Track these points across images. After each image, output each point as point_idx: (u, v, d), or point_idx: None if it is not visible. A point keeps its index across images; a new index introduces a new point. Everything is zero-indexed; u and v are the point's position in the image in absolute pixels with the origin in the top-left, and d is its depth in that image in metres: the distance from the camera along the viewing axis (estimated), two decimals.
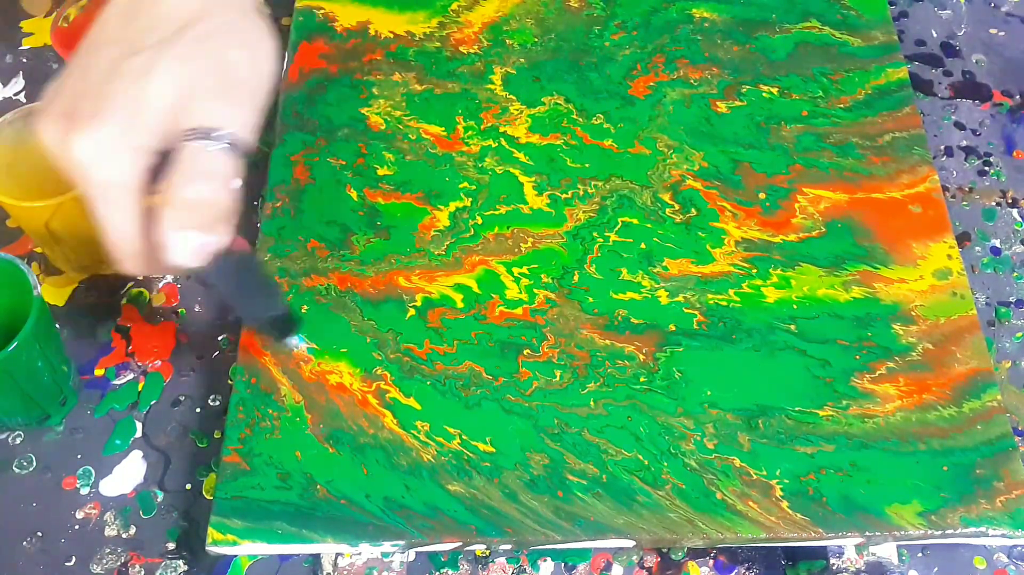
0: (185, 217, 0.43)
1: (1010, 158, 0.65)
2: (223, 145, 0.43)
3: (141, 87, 0.42)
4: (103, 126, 0.41)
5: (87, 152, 0.41)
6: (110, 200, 0.43)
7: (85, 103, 0.42)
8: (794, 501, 0.48)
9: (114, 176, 0.42)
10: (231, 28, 0.45)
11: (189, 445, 0.55)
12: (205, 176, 0.43)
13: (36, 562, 0.51)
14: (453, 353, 0.53)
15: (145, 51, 0.43)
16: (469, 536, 0.48)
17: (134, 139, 0.42)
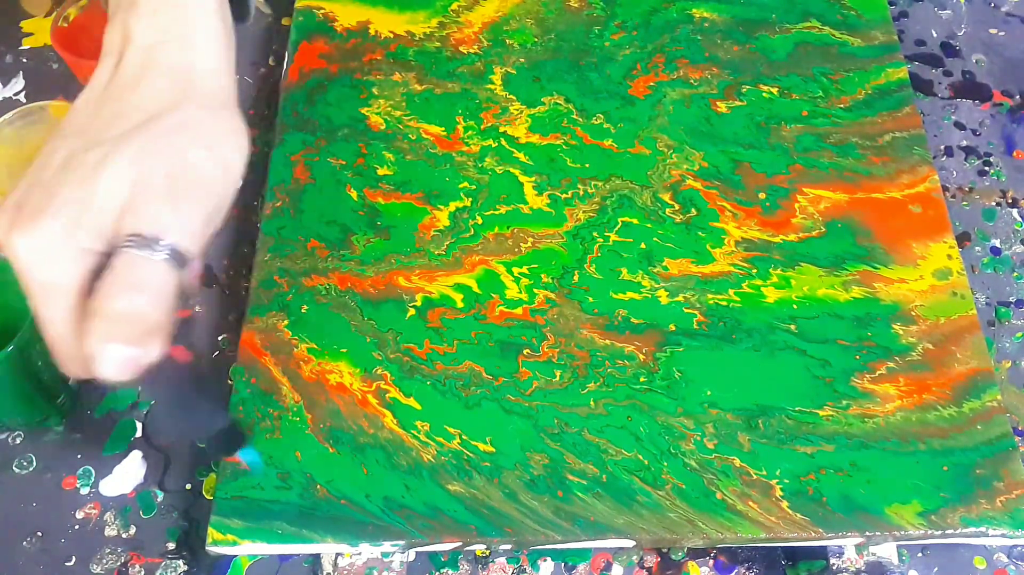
0: (113, 329, 0.40)
1: (1010, 158, 0.65)
2: (163, 255, 0.40)
3: (90, 184, 0.40)
4: (47, 224, 0.39)
5: (29, 249, 0.40)
6: (49, 300, 0.41)
7: (34, 197, 0.40)
8: (794, 501, 0.48)
9: (53, 276, 0.40)
10: (197, 124, 0.42)
11: (189, 445, 0.55)
12: (138, 288, 0.40)
13: (36, 562, 0.51)
14: (453, 353, 0.53)
15: (102, 145, 0.41)
16: (469, 536, 0.48)
17: (78, 239, 0.40)
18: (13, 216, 0.40)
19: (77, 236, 0.40)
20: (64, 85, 0.66)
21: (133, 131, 0.41)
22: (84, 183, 0.40)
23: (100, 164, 0.40)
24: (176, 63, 0.43)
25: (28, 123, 0.57)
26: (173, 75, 0.43)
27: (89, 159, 0.40)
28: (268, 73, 0.69)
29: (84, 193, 0.40)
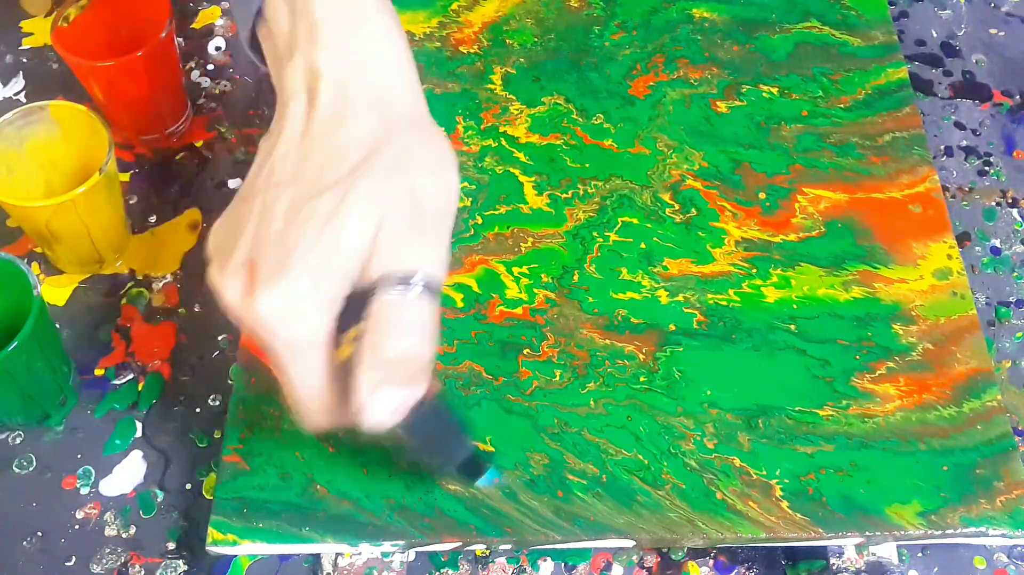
0: (386, 375, 0.39)
1: (1010, 158, 0.65)
2: (419, 290, 0.39)
3: (331, 233, 0.39)
4: (292, 280, 0.38)
5: (275, 309, 0.38)
6: (299, 357, 0.40)
7: (267, 254, 0.39)
8: (794, 501, 0.48)
9: (304, 333, 0.39)
10: (415, 151, 0.41)
11: (189, 445, 0.55)
12: (406, 330, 0.39)
13: (36, 562, 0.51)
14: (453, 353, 0.53)
15: (328, 191, 0.39)
16: (469, 536, 0.48)
17: (324, 291, 0.39)
18: (248, 277, 0.39)
19: (323, 287, 0.39)
20: (64, 85, 0.66)
21: (358, 170, 0.40)
22: (324, 232, 0.39)
23: (337, 210, 0.39)
24: (373, 92, 0.42)
25: (28, 123, 0.57)
26: (374, 105, 0.42)
27: (321, 207, 0.39)
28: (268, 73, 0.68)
29: (327, 242, 0.39)
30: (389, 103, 0.42)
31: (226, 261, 0.40)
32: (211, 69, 0.69)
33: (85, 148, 0.57)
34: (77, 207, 0.55)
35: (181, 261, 0.61)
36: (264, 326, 0.39)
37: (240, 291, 0.39)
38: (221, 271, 0.40)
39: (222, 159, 0.65)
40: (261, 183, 0.41)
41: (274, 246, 0.39)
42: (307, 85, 0.42)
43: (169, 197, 0.63)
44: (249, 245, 0.40)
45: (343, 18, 0.42)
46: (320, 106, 0.41)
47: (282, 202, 0.40)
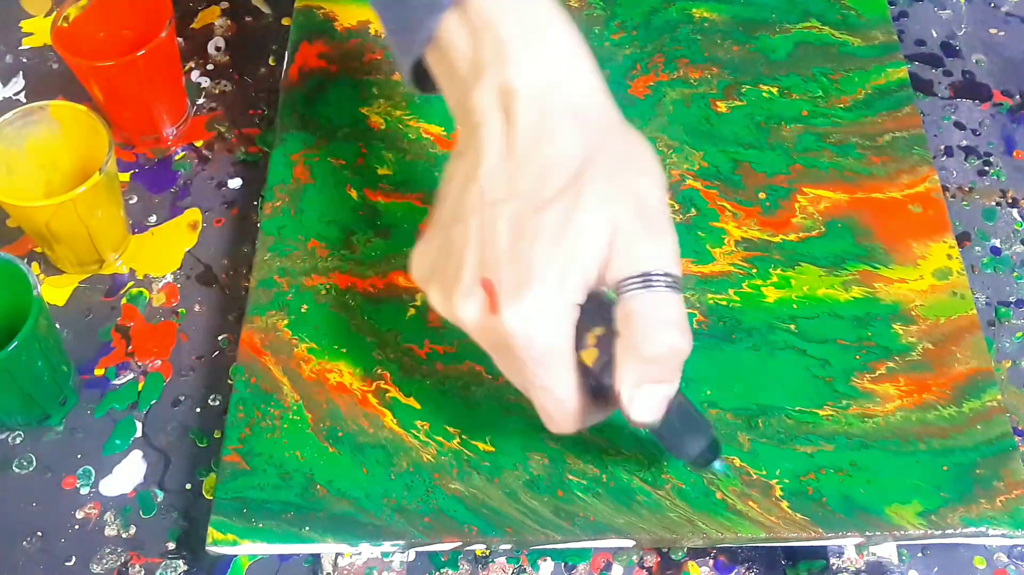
0: (648, 372, 0.41)
1: (1010, 158, 0.65)
2: (664, 286, 0.41)
3: (567, 243, 0.40)
4: (536, 292, 0.40)
5: (524, 322, 0.40)
6: (550, 365, 0.41)
7: (503, 270, 0.40)
8: (794, 501, 0.48)
9: (554, 341, 0.40)
10: (626, 154, 0.43)
11: (189, 445, 0.55)
12: (664, 328, 0.40)
13: (36, 562, 0.51)
14: (453, 352, 0.53)
15: (552, 203, 0.40)
16: (469, 536, 0.48)
17: (567, 299, 0.40)
18: (485, 295, 0.41)
19: (566, 295, 0.40)
20: (64, 85, 0.66)
21: (578, 181, 0.41)
22: (559, 243, 0.40)
23: (567, 221, 0.40)
24: (570, 104, 0.42)
25: (28, 123, 0.57)
26: (574, 117, 0.42)
27: (549, 219, 0.40)
28: (268, 73, 0.69)
29: (564, 251, 0.40)
30: (587, 112, 0.43)
31: (452, 284, 0.42)
32: (211, 69, 0.69)
33: (85, 148, 0.57)
34: (77, 207, 0.55)
35: (181, 261, 0.61)
36: (516, 339, 0.40)
37: (479, 309, 0.41)
38: (449, 294, 0.42)
39: (222, 159, 0.65)
40: (471, 205, 0.42)
41: (508, 262, 0.40)
42: (501, 104, 0.42)
43: (169, 197, 0.63)
44: (477, 265, 0.41)
45: (531, 35, 0.43)
46: (520, 123, 0.42)
47: (503, 220, 0.41)
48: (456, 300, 0.41)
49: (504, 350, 0.42)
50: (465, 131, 0.44)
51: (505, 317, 0.40)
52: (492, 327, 0.41)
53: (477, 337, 0.42)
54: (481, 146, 0.43)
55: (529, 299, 0.40)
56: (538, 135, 0.42)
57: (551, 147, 0.42)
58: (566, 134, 0.42)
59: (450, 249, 0.42)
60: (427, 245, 0.44)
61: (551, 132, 0.42)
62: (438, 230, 0.44)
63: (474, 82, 0.43)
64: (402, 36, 0.46)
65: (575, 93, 0.43)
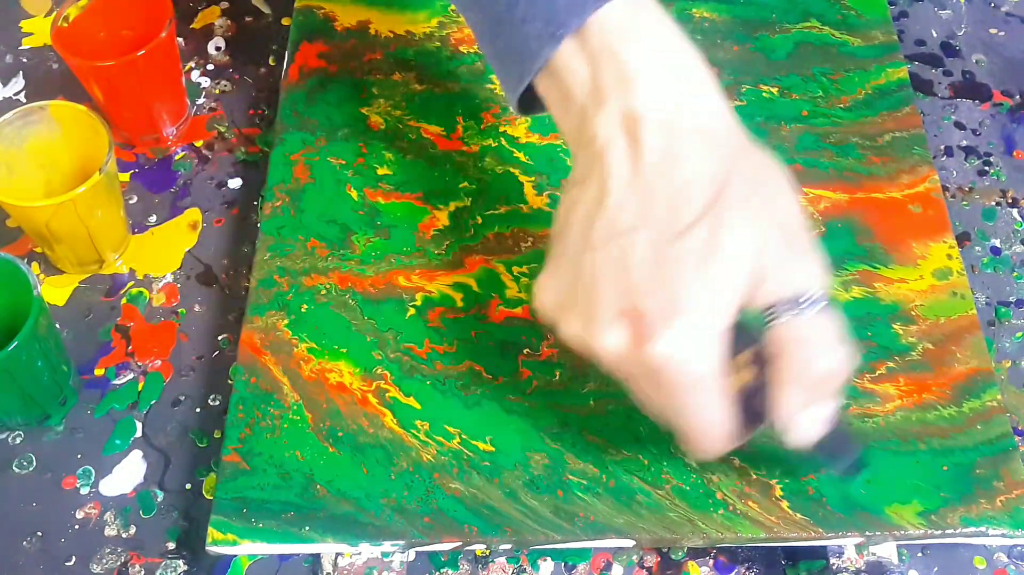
0: (809, 395, 0.41)
1: (1010, 158, 0.65)
2: (819, 306, 0.40)
3: (712, 269, 0.39)
4: (687, 320, 0.39)
5: (676, 350, 0.39)
6: (702, 392, 0.41)
7: (649, 299, 0.40)
8: (794, 501, 0.48)
9: (706, 367, 0.40)
10: (760, 176, 0.42)
11: (189, 445, 0.55)
12: (828, 348, 0.41)
13: (36, 562, 0.51)
14: (453, 352, 0.53)
15: (693, 229, 0.40)
16: (469, 536, 0.48)
17: (718, 324, 0.40)
18: (631, 325, 0.40)
19: (717, 321, 0.40)
20: (64, 85, 0.66)
21: (716, 204, 0.40)
22: (705, 268, 0.39)
23: (712, 246, 0.40)
24: (699, 124, 0.42)
25: (28, 123, 0.57)
26: (703, 137, 0.42)
27: (692, 245, 0.40)
28: (268, 73, 0.69)
29: (711, 277, 0.39)
30: (716, 134, 0.42)
31: (590, 315, 0.41)
32: (211, 69, 0.69)
33: (85, 148, 0.57)
34: (77, 207, 0.55)
35: (181, 261, 0.61)
36: (668, 368, 0.40)
37: (625, 340, 0.40)
38: (588, 326, 0.41)
39: (222, 159, 0.65)
40: (601, 234, 0.41)
41: (652, 291, 0.40)
42: (625, 130, 0.42)
43: (169, 197, 0.63)
44: (617, 295, 0.40)
45: (654, 59, 0.42)
46: (647, 149, 0.41)
47: (639, 247, 0.40)
48: (597, 332, 0.41)
49: (650, 380, 0.41)
50: (584, 159, 0.43)
51: (656, 347, 0.39)
52: (639, 358, 0.40)
53: (620, 368, 0.42)
54: (607, 173, 0.42)
55: (680, 327, 0.39)
56: (668, 160, 0.41)
57: (683, 171, 0.41)
58: (697, 157, 0.41)
59: (582, 280, 0.42)
60: (553, 277, 0.44)
61: (681, 156, 0.41)
62: (564, 261, 0.43)
63: (595, 108, 0.42)
64: (512, 65, 0.45)
65: (702, 115, 0.42)
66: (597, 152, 0.42)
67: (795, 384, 0.41)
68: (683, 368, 0.40)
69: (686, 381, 0.40)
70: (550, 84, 0.44)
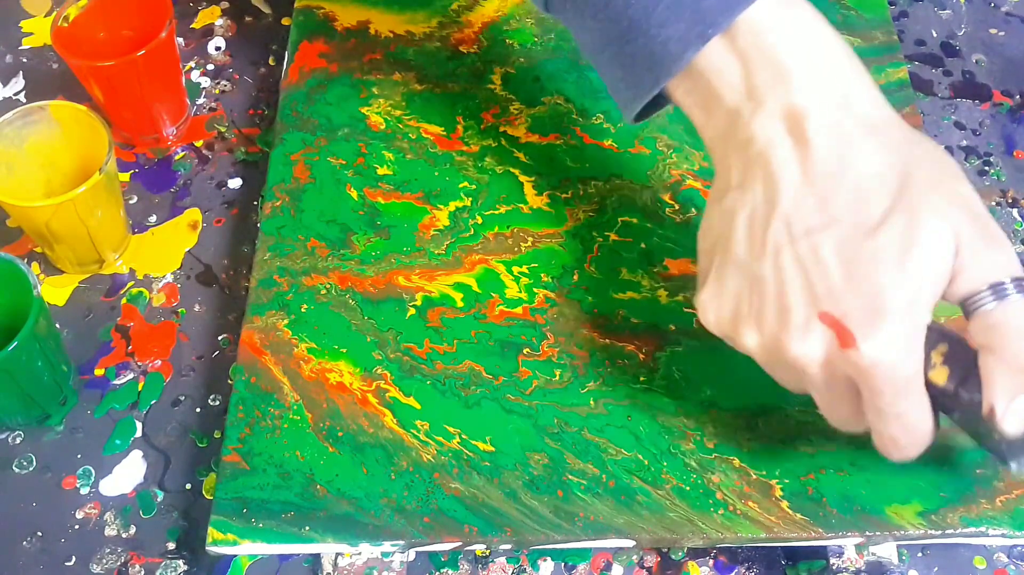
0: (1020, 381, 0.40)
1: (1010, 158, 0.65)
2: (1019, 293, 0.40)
3: (915, 264, 0.39)
4: (894, 319, 0.39)
5: (885, 351, 0.39)
6: (909, 392, 0.40)
7: (848, 301, 0.39)
8: (794, 501, 0.48)
9: (913, 366, 0.40)
10: (940, 165, 0.41)
11: (189, 445, 0.55)
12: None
13: (36, 562, 0.51)
14: (453, 352, 0.53)
15: (886, 224, 0.39)
16: (469, 536, 0.48)
17: (921, 321, 0.39)
18: (833, 330, 0.39)
19: (920, 317, 0.39)
20: (64, 85, 0.66)
21: (903, 198, 0.40)
22: (905, 264, 0.39)
23: (909, 241, 0.39)
24: (864, 117, 0.41)
25: (28, 123, 0.57)
26: (872, 130, 0.41)
27: (887, 241, 0.39)
28: (268, 73, 0.69)
29: (913, 273, 0.39)
30: (882, 126, 0.42)
31: (781, 324, 0.40)
32: (211, 69, 0.69)
33: (85, 148, 0.57)
34: (77, 207, 0.55)
35: (181, 261, 0.61)
36: (879, 371, 0.39)
37: (826, 345, 0.40)
38: (780, 335, 0.40)
39: (222, 159, 0.65)
40: (777, 238, 0.41)
41: (851, 292, 0.39)
42: (789, 128, 0.41)
43: (169, 197, 0.63)
44: (812, 299, 0.40)
45: (812, 55, 0.41)
46: (817, 146, 0.41)
47: (827, 248, 0.40)
48: (793, 339, 0.40)
49: (852, 388, 0.41)
50: (741, 162, 0.42)
51: (865, 350, 0.39)
52: (844, 362, 0.40)
53: (819, 378, 0.41)
54: (774, 175, 0.41)
55: (888, 328, 0.39)
56: (841, 156, 0.40)
57: (860, 166, 0.40)
58: (872, 151, 0.40)
59: (763, 287, 0.41)
60: (719, 289, 0.43)
61: (855, 151, 0.40)
62: (733, 270, 0.42)
63: (752, 109, 0.41)
64: (644, 71, 0.44)
65: (865, 107, 0.42)
66: (758, 153, 0.41)
67: (1006, 373, 0.40)
68: (893, 371, 0.39)
69: (894, 385, 0.40)
70: (691, 87, 0.43)
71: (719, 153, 0.44)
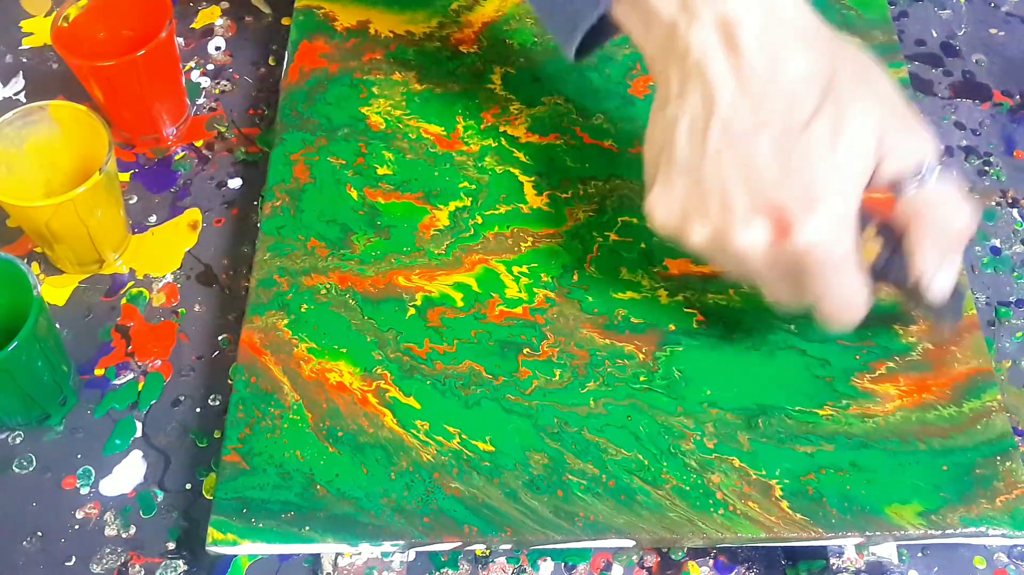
0: (944, 252, 0.45)
1: (1010, 158, 0.65)
2: (942, 173, 0.44)
3: (844, 153, 0.42)
4: (828, 205, 0.42)
5: (821, 235, 0.42)
6: (844, 270, 0.44)
7: (786, 192, 0.42)
8: (794, 501, 0.48)
9: (847, 246, 0.43)
10: (862, 64, 0.45)
11: (189, 445, 0.55)
12: (957, 207, 0.44)
13: (36, 562, 0.51)
14: (453, 352, 0.53)
15: (816, 121, 0.42)
16: (469, 536, 0.48)
17: (852, 204, 0.43)
18: (775, 221, 0.43)
19: (851, 201, 0.43)
20: (64, 85, 0.66)
21: (830, 95, 0.43)
22: (835, 155, 0.42)
23: (838, 134, 0.42)
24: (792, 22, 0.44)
25: (28, 123, 0.57)
26: (799, 34, 0.44)
27: (818, 136, 0.42)
28: (268, 73, 0.69)
29: (839, 164, 0.42)
30: (809, 31, 0.44)
31: (725, 219, 0.44)
32: (211, 69, 0.69)
33: (85, 148, 0.57)
34: (77, 207, 0.55)
35: (181, 261, 0.61)
36: (815, 253, 0.43)
37: (767, 234, 0.43)
38: (725, 229, 0.44)
39: (222, 159, 0.65)
40: (717, 141, 0.44)
41: (788, 183, 0.42)
42: (722, 37, 0.43)
43: (169, 197, 0.63)
44: (751, 194, 0.43)
45: None
46: (749, 52, 0.43)
47: (763, 147, 0.43)
48: (736, 231, 0.44)
49: (793, 269, 0.44)
50: (678, 73, 0.45)
51: (804, 234, 0.42)
52: (784, 249, 0.43)
53: (762, 264, 0.44)
54: (710, 82, 0.44)
55: (823, 213, 0.42)
56: (772, 61, 0.43)
57: (790, 70, 0.43)
58: (800, 55, 0.43)
59: (707, 186, 0.44)
60: (666, 191, 0.46)
61: (785, 56, 0.43)
62: (677, 172, 0.45)
63: (687, 21, 0.44)
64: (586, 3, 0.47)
65: (792, 13, 0.44)
66: (695, 63, 0.44)
67: (933, 245, 0.45)
68: (828, 252, 0.43)
69: (831, 263, 0.43)
70: (630, 10, 0.46)
71: (659, 66, 0.46)
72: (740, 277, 0.48)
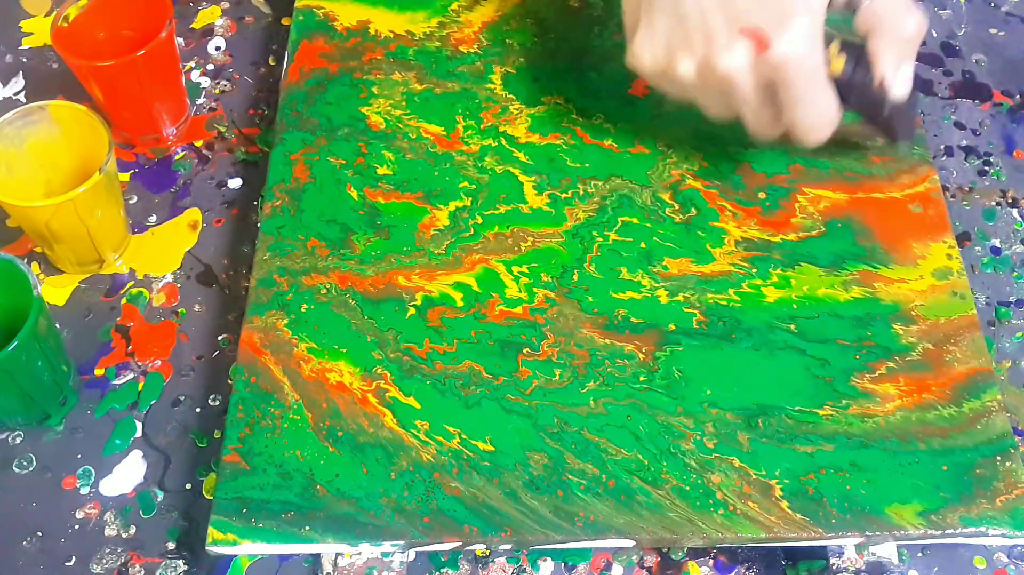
0: (901, 53, 0.51)
1: (1010, 158, 0.65)
2: None
3: None
4: (798, 20, 0.48)
5: (795, 47, 0.48)
6: (816, 80, 0.50)
7: (757, 13, 0.48)
8: (794, 501, 0.48)
9: (817, 58, 0.49)
10: None
11: (189, 445, 0.55)
12: (909, 10, 0.51)
13: (36, 562, 0.51)
14: (453, 352, 0.53)
15: None
16: (469, 536, 0.48)
17: (819, 20, 0.49)
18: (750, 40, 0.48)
19: (818, 17, 0.49)
20: (64, 85, 0.66)
21: None
22: None
23: None
24: None
25: (28, 123, 0.57)
26: None
27: None
28: (268, 73, 0.69)
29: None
30: None
31: (708, 46, 0.50)
32: (211, 69, 0.69)
33: (85, 148, 0.57)
34: (77, 207, 0.55)
35: (181, 261, 0.61)
36: (791, 63, 0.49)
37: (748, 53, 0.49)
38: (710, 56, 0.50)
39: (222, 159, 0.65)
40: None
41: (761, 6, 0.48)
42: None
43: (169, 197, 0.63)
44: (730, 20, 0.49)
45: None
46: None
47: None
48: (720, 56, 0.49)
49: (772, 84, 0.50)
50: None
51: (780, 48, 0.48)
52: (763, 64, 0.49)
53: (747, 81, 0.50)
54: None
55: (795, 27, 0.48)
56: None
57: None
58: None
59: (688, 21, 0.50)
60: (650, 33, 0.51)
61: None
62: (658, 14, 0.51)
63: None
64: None
65: None
66: None
67: (890, 47, 0.50)
68: (802, 61, 0.49)
69: (805, 72, 0.49)
70: None
71: None
72: (725, 110, 0.53)
